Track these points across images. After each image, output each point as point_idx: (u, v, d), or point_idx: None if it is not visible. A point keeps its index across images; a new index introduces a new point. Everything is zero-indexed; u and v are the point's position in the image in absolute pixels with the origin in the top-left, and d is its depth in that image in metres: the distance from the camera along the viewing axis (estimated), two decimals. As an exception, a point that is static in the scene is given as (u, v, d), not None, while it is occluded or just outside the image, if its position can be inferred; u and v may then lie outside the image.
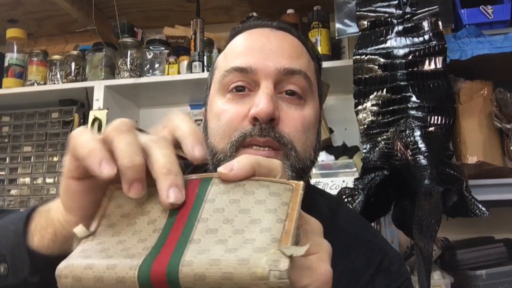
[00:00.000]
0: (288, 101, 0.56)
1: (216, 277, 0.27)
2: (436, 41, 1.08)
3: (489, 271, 1.19)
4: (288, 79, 0.56)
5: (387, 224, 1.30)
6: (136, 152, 0.31)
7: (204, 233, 0.30)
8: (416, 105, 1.07)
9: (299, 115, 0.55)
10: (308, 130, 0.56)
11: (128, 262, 0.29)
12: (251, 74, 0.55)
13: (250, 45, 0.59)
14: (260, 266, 0.27)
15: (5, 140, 1.78)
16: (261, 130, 0.52)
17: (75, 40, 1.97)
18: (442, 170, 1.03)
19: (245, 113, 0.54)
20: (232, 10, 1.77)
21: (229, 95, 0.57)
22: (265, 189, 0.32)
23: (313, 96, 0.59)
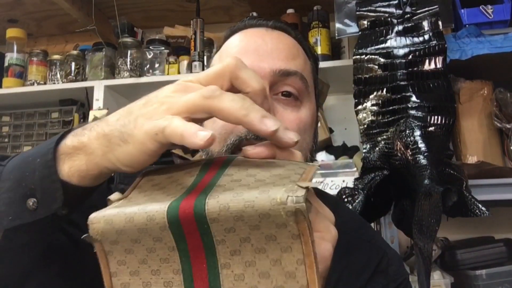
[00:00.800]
0: (284, 103, 0.55)
1: (239, 206, 0.29)
2: (436, 41, 1.08)
3: (489, 271, 1.19)
4: (284, 80, 0.55)
5: (387, 224, 1.30)
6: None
7: (230, 181, 0.33)
8: (416, 105, 1.07)
9: (294, 117, 0.55)
10: (304, 131, 0.56)
11: (158, 204, 0.31)
12: None
13: (245, 46, 0.58)
14: (279, 193, 0.29)
15: (5, 140, 1.78)
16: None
17: (75, 40, 1.97)
18: (442, 170, 1.02)
19: None
20: (232, 10, 1.78)
21: None
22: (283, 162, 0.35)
23: (309, 97, 0.58)
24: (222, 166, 0.35)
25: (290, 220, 0.29)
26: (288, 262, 0.30)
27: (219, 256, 0.31)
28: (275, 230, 0.29)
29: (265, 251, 0.30)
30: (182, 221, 0.30)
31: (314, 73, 0.63)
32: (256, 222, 0.29)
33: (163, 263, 0.32)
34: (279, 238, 0.29)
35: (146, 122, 0.34)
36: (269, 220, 0.29)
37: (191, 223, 0.30)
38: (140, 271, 0.33)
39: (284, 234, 0.29)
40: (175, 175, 0.36)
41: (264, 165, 0.35)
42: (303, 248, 0.29)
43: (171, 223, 0.30)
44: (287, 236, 0.29)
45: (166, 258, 0.32)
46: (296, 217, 0.28)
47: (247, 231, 0.30)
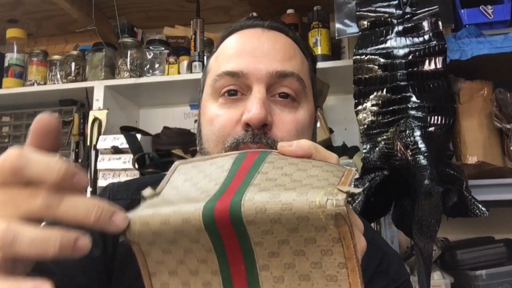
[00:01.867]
0: (281, 104, 0.55)
1: (276, 209, 0.28)
2: (436, 41, 1.08)
3: (489, 271, 1.19)
4: (281, 82, 0.55)
5: (387, 224, 1.30)
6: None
7: (264, 180, 0.31)
8: (416, 105, 1.07)
9: (292, 118, 0.55)
10: (302, 132, 0.55)
11: (193, 205, 0.30)
12: (243, 78, 0.54)
13: (241, 47, 0.58)
14: (318, 196, 0.28)
15: (5, 140, 1.78)
16: (253, 136, 0.52)
17: (75, 40, 1.97)
18: (442, 170, 1.02)
19: (237, 118, 0.53)
20: (232, 10, 1.77)
21: (221, 99, 0.56)
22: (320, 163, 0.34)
23: (306, 97, 0.58)
24: (256, 162, 0.34)
25: (330, 223, 0.28)
26: (329, 265, 0.29)
27: (257, 257, 0.30)
28: (314, 233, 0.29)
29: (305, 253, 0.29)
30: (218, 224, 0.29)
31: (312, 73, 0.63)
32: (294, 225, 0.28)
33: (201, 263, 0.32)
34: (319, 241, 0.29)
35: None
36: (308, 223, 0.28)
37: (227, 225, 0.29)
38: (179, 271, 0.32)
39: (324, 237, 0.29)
40: (207, 170, 0.36)
41: (300, 164, 0.34)
42: (345, 251, 0.29)
43: (207, 225, 0.30)
44: (327, 239, 0.29)
45: (204, 259, 0.32)
46: (337, 221, 0.28)
47: (285, 233, 0.29)
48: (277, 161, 0.34)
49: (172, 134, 1.55)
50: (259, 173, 0.33)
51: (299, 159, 0.35)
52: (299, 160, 0.34)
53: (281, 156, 0.35)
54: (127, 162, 1.43)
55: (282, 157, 0.35)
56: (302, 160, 0.35)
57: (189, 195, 0.33)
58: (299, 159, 0.35)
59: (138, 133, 1.49)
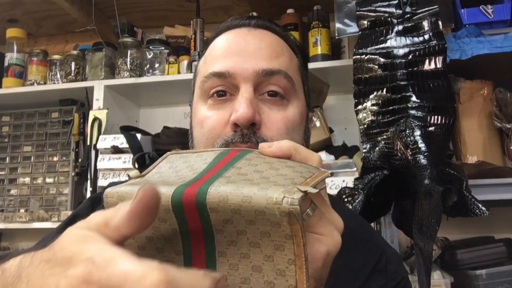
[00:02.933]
0: (270, 103, 0.55)
1: (237, 200, 0.30)
2: (436, 40, 1.08)
3: (489, 271, 1.19)
4: (268, 80, 0.54)
5: (387, 224, 1.30)
6: None
7: (236, 174, 0.33)
8: (416, 105, 1.07)
9: (281, 116, 0.54)
10: (293, 130, 0.55)
11: (166, 188, 0.32)
12: (230, 79, 0.54)
13: (228, 48, 0.57)
14: (276, 193, 0.29)
15: (5, 140, 1.78)
16: (242, 136, 0.51)
17: (75, 40, 1.97)
18: (442, 169, 1.02)
19: (226, 119, 0.53)
20: (232, 10, 1.77)
21: (210, 100, 0.56)
22: (295, 164, 0.35)
23: (296, 94, 0.57)
24: (235, 158, 0.36)
25: (283, 220, 0.29)
26: (280, 260, 0.30)
27: (217, 244, 0.32)
28: (269, 227, 0.30)
29: (259, 246, 0.31)
30: (185, 207, 0.31)
31: (302, 69, 0.62)
32: (252, 217, 0.30)
33: (167, 243, 0.33)
34: (273, 236, 0.30)
35: None
36: (264, 217, 0.30)
37: (193, 209, 0.31)
38: (147, 247, 0.34)
39: (277, 232, 0.30)
40: (191, 161, 0.37)
41: (274, 163, 0.35)
42: (295, 249, 0.30)
43: (174, 207, 0.31)
44: (280, 235, 0.30)
45: (170, 239, 0.33)
46: (290, 218, 0.29)
47: (244, 224, 0.31)
48: (254, 159, 0.36)
49: (172, 134, 1.55)
50: (233, 168, 0.34)
51: (276, 158, 0.36)
52: (275, 160, 0.36)
53: (260, 156, 0.36)
54: (127, 162, 1.43)
55: (262, 156, 0.36)
56: (279, 160, 0.36)
57: (168, 180, 0.35)
58: (276, 159, 0.36)
59: (138, 133, 1.49)
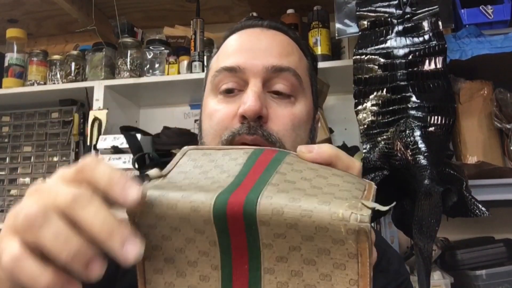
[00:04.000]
0: (278, 99, 0.56)
1: (295, 214, 0.27)
2: (436, 41, 1.08)
3: (489, 271, 1.19)
4: (277, 76, 0.56)
5: (387, 224, 1.30)
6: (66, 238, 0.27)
7: (283, 181, 0.30)
8: (416, 105, 1.07)
9: (288, 112, 0.55)
10: (299, 127, 0.56)
11: (204, 194, 0.28)
12: (240, 73, 0.56)
13: (240, 45, 0.59)
14: (342, 208, 0.26)
15: (5, 140, 1.78)
16: (249, 128, 0.52)
17: (75, 40, 1.97)
18: (442, 170, 1.02)
19: (234, 112, 0.54)
20: (232, 10, 1.77)
21: (220, 95, 0.57)
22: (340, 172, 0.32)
23: (304, 93, 0.58)
24: (273, 160, 0.33)
25: (350, 238, 0.27)
26: (339, 280, 0.27)
27: (263, 259, 0.29)
28: (330, 245, 0.27)
29: (315, 263, 0.28)
30: (229, 218, 0.28)
31: (311, 71, 0.63)
32: (311, 233, 0.27)
33: (202, 256, 0.30)
34: (334, 254, 0.27)
35: None
36: (326, 233, 0.27)
37: (239, 221, 0.28)
38: (176, 259, 0.31)
39: (340, 250, 0.27)
40: (219, 160, 0.34)
41: (320, 170, 0.32)
42: (359, 268, 0.27)
43: (217, 218, 0.28)
44: (343, 253, 0.27)
45: (206, 252, 0.30)
46: (358, 236, 0.26)
47: (299, 240, 0.27)
48: (296, 164, 0.33)
49: (172, 134, 1.55)
50: (277, 173, 0.31)
51: (318, 165, 0.33)
52: (318, 166, 0.33)
53: (299, 159, 0.34)
54: (127, 162, 1.43)
55: (301, 160, 0.34)
56: (322, 166, 0.33)
57: (199, 183, 0.31)
58: (318, 165, 0.33)
59: (138, 133, 1.49)
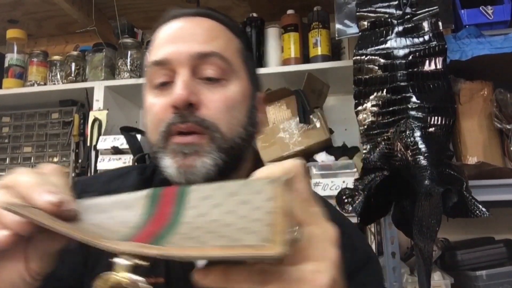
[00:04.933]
0: (209, 84, 0.57)
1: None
2: (436, 41, 1.08)
3: (489, 271, 1.19)
4: (204, 62, 0.56)
5: (387, 225, 1.30)
6: None
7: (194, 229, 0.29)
8: (416, 106, 1.07)
9: (220, 95, 0.56)
10: (233, 108, 0.57)
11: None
12: (168, 65, 0.57)
13: (165, 37, 0.60)
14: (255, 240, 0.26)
15: (5, 141, 1.78)
16: (181, 117, 0.54)
17: (75, 41, 1.97)
18: (442, 170, 1.02)
19: (167, 104, 0.56)
20: (232, 10, 1.77)
21: (155, 90, 0.59)
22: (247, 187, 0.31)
23: (236, 74, 0.59)
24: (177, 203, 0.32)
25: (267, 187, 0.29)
26: (257, 201, 0.29)
27: (188, 201, 0.31)
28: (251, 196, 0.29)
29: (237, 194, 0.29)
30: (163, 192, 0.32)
31: (245, 51, 0.63)
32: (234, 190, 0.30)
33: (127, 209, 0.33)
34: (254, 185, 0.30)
35: None
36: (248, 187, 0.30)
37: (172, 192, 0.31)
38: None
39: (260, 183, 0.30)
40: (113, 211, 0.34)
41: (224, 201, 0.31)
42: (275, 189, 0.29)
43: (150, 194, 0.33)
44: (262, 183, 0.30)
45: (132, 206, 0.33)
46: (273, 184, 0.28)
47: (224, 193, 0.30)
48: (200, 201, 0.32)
49: (172, 134, 1.55)
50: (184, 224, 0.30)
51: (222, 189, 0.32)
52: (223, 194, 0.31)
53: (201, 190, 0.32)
54: (127, 163, 1.43)
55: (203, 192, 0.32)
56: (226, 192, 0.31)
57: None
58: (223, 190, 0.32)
59: (138, 134, 1.49)
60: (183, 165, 0.53)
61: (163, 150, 0.55)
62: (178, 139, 0.54)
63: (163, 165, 0.54)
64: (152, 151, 0.58)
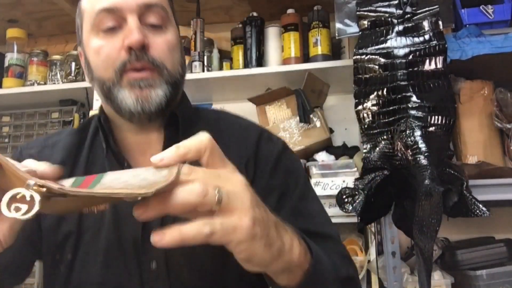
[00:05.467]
0: (153, 30, 0.66)
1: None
2: (437, 41, 1.08)
3: (490, 271, 1.19)
4: (149, 11, 0.65)
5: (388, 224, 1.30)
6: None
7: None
8: (416, 105, 1.07)
9: (164, 40, 0.66)
10: (173, 50, 0.67)
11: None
12: (118, 12, 0.64)
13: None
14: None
15: (5, 140, 1.78)
16: (136, 57, 0.62)
17: (75, 40, 1.95)
18: (443, 170, 1.02)
19: (120, 45, 0.63)
20: (232, 10, 1.77)
21: (102, 33, 0.65)
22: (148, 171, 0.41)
23: (171, 23, 0.69)
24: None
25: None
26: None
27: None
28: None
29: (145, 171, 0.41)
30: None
31: (171, 3, 0.73)
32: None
33: None
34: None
35: None
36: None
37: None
38: None
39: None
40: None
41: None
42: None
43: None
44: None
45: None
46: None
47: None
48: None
49: (172, 134, 1.55)
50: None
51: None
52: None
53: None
54: (127, 162, 1.42)
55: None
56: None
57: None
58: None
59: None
60: (140, 95, 0.62)
61: (118, 84, 0.63)
62: (134, 75, 0.62)
63: (119, 98, 0.63)
64: (103, 87, 0.66)
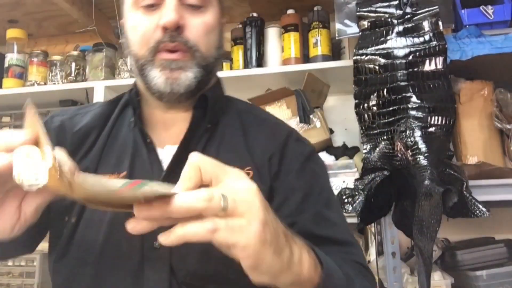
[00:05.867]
0: (191, 10, 0.65)
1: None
2: (437, 41, 1.08)
3: (490, 271, 1.19)
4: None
5: (387, 225, 1.30)
6: None
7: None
8: (416, 106, 1.07)
9: (201, 21, 0.65)
10: (210, 32, 0.66)
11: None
12: None
13: None
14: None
15: (6, 141, 1.78)
16: (170, 37, 0.63)
17: (76, 41, 1.97)
18: (443, 170, 1.02)
19: (156, 24, 0.63)
20: (232, 10, 1.77)
21: (141, 9, 0.65)
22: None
23: (211, 3, 0.68)
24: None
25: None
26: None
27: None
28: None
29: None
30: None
31: None
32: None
33: None
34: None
35: None
36: None
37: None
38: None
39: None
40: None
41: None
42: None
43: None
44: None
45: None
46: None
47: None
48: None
49: (172, 134, 1.55)
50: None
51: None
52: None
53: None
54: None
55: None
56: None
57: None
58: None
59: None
60: (170, 77, 0.63)
61: (151, 63, 0.64)
62: (166, 55, 0.63)
63: (150, 76, 0.63)
64: (137, 63, 0.66)
